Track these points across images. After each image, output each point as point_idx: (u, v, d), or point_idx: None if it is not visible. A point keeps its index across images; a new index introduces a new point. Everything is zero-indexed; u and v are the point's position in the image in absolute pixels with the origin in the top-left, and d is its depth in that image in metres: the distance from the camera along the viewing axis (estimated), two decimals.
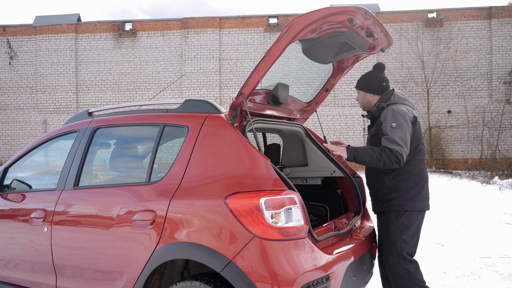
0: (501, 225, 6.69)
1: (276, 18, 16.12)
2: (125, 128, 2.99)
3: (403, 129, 2.72)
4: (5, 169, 3.36)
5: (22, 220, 3.03)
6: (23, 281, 3.06)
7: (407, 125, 2.74)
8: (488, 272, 4.40)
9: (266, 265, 2.09)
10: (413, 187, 2.81)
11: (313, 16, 2.25)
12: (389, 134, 2.71)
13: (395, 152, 2.67)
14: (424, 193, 2.85)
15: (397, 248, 2.77)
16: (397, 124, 2.72)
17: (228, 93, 16.13)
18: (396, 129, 2.71)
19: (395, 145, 2.68)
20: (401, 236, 2.77)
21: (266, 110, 2.90)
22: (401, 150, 2.68)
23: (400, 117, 2.74)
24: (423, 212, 2.86)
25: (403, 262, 2.76)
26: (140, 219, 2.43)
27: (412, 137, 2.81)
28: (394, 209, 2.81)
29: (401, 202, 2.79)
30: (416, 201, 2.80)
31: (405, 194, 2.79)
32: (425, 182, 2.88)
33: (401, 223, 2.79)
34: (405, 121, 2.74)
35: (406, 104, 2.90)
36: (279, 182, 2.23)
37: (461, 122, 15.42)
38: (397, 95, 2.92)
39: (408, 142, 2.72)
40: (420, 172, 2.85)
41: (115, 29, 16.39)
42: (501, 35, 15.30)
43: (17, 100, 16.73)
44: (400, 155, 2.67)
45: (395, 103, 2.87)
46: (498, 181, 11.51)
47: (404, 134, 2.71)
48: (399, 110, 2.78)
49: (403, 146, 2.68)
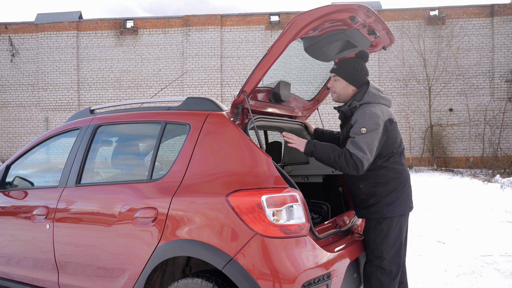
0: (502, 223, 6.68)
1: (278, 16, 16.10)
2: (127, 126, 3.00)
3: (372, 135, 2.47)
4: (7, 166, 3.37)
5: (24, 217, 3.04)
6: (25, 278, 3.07)
7: (377, 132, 2.49)
8: (489, 270, 4.40)
9: (268, 262, 2.09)
10: (391, 192, 2.59)
11: (315, 14, 2.24)
12: (355, 138, 2.49)
13: (355, 158, 2.44)
14: (404, 196, 2.63)
15: (377, 258, 2.60)
16: (367, 129, 2.48)
17: (229, 91, 16.13)
18: (364, 134, 2.47)
19: (357, 150, 2.45)
20: (381, 246, 2.58)
21: (268, 108, 2.90)
22: (363, 157, 2.44)
23: (372, 122, 2.49)
24: (405, 215, 2.67)
25: (380, 273, 2.59)
26: (142, 216, 2.44)
27: (387, 141, 2.58)
28: (373, 217, 2.61)
29: (380, 209, 2.58)
30: (395, 206, 2.58)
31: (383, 200, 2.59)
32: (405, 185, 2.66)
33: (381, 232, 2.58)
34: (376, 127, 2.49)
35: (382, 103, 2.65)
36: (280, 180, 2.24)
37: (462, 120, 15.40)
38: (372, 93, 2.64)
39: (374, 150, 2.48)
40: (399, 175, 2.63)
41: (117, 27, 16.39)
42: (503, 33, 15.25)
43: (18, 97, 16.75)
44: (360, 162, 2.44)
45: (369, 103, 2.62)
46: (500, 179, 11.49)
47: (371, 141, 2.47)
48: (372, 113, 2.52)
49: (366, 153, 2.44)
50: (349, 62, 2.72)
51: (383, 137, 2.54)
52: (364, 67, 2.74)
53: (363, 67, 2.73)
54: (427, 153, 15.46)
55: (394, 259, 2.61)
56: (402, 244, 2.68)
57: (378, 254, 2.59)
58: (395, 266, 2.61)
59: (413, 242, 5.56)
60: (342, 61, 2.74)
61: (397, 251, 2.62)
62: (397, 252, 2.62)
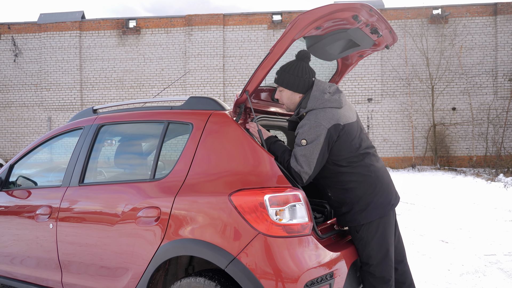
0: (505, 222, 6.66)
1: (280, 15, 16.08)
2: (129, 125, 3.00)
3: (311, 147, 2.32)
4: (10, 166, 3.38)
5: (27, 216, 3.05)
6: (29, 277, 3.08)
7: (317, 143, 2.32)
8: (493, 269, 4.38)
9: (271, 262, 2.09)
10: (362, 197, 2.43)
11: (317, 13, 2.24)
12: (295, 149, 2.37)
13: (293, 172, 2.34)
14: (379, 198, 2.46)
15: (364, 264, 2.51)
16: (307, 141, 2.33)
17: (232, 90, 16.13)
18: (304, 147, 2.33)
19: (295, 163, 2.34)
20: (365, 253, 2.48)
21: (270, 107, 2.90)
22: (300, 171, 2.32)
23: (312, 133, 2.33)
24: (386, 216, 2.49)
25: (372, 279, 2.51)
26: (145, 215, 2.44)
27: (339, 147, 2.40)
28: (350, 225, 2.49)
29: (354, 217, 2.45)
30: (370, 211, 2.43)
31: (355, 207, 2.44)
32: (376, 186, 2.46)
33: (361, 239, 2.47)
34: (315, 138, 2.32)
35: (329, 106, 2.42)
36: (283, 179, 2.24)
37: (466, 119, 15.35)
38: (315, 97, 2.44)
39: (313, 163, 2.33)
40: (365, 178, 2.44)
41: (119, 27, 16.42)
42: (507, 32, 15.20)
43: (21, 97, 16.81)
44: (298, 176, 2.33)
45: (314, 109, 2.42)
46: (503, 178, 11.45)
47: (309, 153, 2.32)
48: (312, 123, 2.35)
49: (303, 166, 2.32)
50: (288, 69, 2.52)
51: (327, 147, 2.36)
52: (306, 69, 2.52)
53: (305, 70, 2.52)
54: (430, 152, 15.42)
55: (384, 263, 2.48)
56: (391, 246, 2.53)
57: (364, 260, 2.51)
58: (386, 270, 2.49)
59: (416, 241, 5.55)
60: (282, 70, 2.55)
61: (385, 255, 2.48)
62: (385, 257, 2.48)
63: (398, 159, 15.52)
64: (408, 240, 5.52)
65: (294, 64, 2.53)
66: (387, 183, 2.54)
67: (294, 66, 2.52)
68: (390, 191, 2.54)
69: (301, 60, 2.55)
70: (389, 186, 2.55)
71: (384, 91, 15.71)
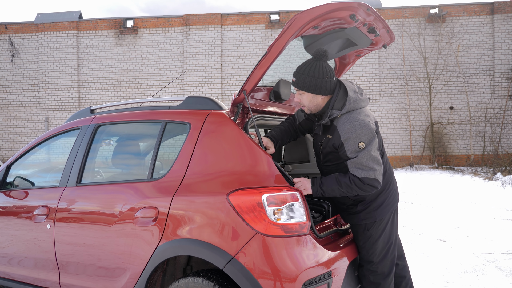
0: (503, 221, 6.68)
1: (278, 15, 16.08)
2: (127, 125, 3.00)
3: (372, 146, 2.25)
4: (8, 166, 3.37)
5: (25, 217, 3.04)
6: (27, 278, 3.08)
7: (375, 140, 2.28)
8: (491, 268, 4.40)
9: (269, 261, 2.09)
10: (379, 194, 2.47)
11: (314, 12, 2.24)
12: (356, 159, 2.24)
13: (367, 181, 2.23)
14: (391, 194, 2.52)
15: (368, 263, 2.52)
16: (366, 143, 2.24)
17: (229, 89, 16.12)
18: (364, 150, 2.23)
19: (365, 172, 2.23)
20: (371, 251, 2.50)
21: (268, 106, 2.89)
22: (374, 174, 2.23)
23: (367, 132, 2.26)
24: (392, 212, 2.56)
25: (373, 276, 2.53)
26: (143, 216, 2.44)
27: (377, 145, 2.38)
28: (361, 223, 2.48)
29: (370, 214, 2.46)
30: (384, 208, 2.47)
31: (372, 205, 2.45)
32: (391, 183, 2.54)
33: (370, 237, 2.48)
34: (372, 136, 2.27)
35: (363, 106, 2.39)
36: (281, 179, 2.24)
37: (463, 118, 15.39)
38: (353, 99, 2.34)
39: (380, 159, 2.28)
40: (385, 175, 2.49)
41: (117, 26, 16.39)
42: (504, 31, 15.23)
43: (19, 97, 16.76)
44: (374, 181, 2.24)
45: (352, 111, 2.34)
46: (501, 177, 11.49)
47: (375, 153, 2.26)
48: (362, 122, 2.27)
49: (375, 168, 2.24)
50: (307, 72, 2.36)
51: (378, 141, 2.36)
52: (326, 69, 2.37)
53: (326, 70, 2.37)
54: (428, 151, 15.45)
55: (386, 259, 2.53)
56: (394, 242, 2.58)
57: (368, 259, 2.52)
58: (387, 266, 2.54)
59: (414, 240, 5.56)
60: (299, 72, 2.40)
61: (388, 251, 2.53)
62: (387, 252, 2.53)
63: (396, 158, 15.55)
64: (406, 239, 5.53)
65: (312, 65, 2.37)
66: (394, 179, 2.63)
67: (314, 67, 2.36)
68: (397, 188, 2.64)
69: (320, 60, 2.38)
70: (395, 183, 2.64)
71: (381, 90, 15.72)
